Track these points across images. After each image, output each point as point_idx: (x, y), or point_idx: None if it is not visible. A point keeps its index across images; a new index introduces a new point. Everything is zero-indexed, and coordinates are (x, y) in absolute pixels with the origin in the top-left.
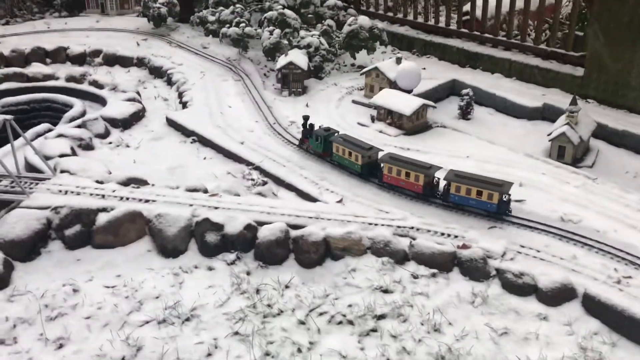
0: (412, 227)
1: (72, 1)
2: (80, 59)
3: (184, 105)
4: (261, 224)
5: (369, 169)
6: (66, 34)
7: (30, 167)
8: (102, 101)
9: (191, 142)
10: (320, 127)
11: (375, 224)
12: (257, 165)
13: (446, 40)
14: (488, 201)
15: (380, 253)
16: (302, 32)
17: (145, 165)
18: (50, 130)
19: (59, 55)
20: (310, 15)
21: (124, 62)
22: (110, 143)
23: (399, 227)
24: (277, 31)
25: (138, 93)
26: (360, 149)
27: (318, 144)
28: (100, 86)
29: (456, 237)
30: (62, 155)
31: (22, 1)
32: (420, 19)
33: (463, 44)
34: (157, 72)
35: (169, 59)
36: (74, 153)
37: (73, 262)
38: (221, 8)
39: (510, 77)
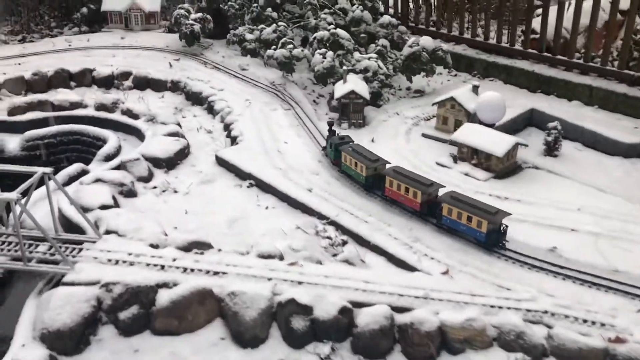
0: (546, 312)
1: (93, 15)
2: (107, 82)
3: (234, 140)
4: (357, 304)
5: (374, 181)
6: (90, 52)
7: (66, 222)
8: (137, 133)
9: (248, 187)
10: (337, 134)
11: (499, 307)
12: (333, 220)
13: (512, 61)
14: (477, 229)
15: (510, 347)
16: (357, 55)
17: (200, 217)
18: (84, 171)
19: (84, 77)
20: (362, 35)
21: (157, 85)
22: (155, 187)
23: (528, 310)
24: (330, 54)
25: (179, 124)
26: (366, 160)
27: (331, 151)
28: (134, 116)
29: (602, 325)
30: (103, 207)
31: (39, 15)
32: (479, 37)
33: (533, 66)
34: (196, 99)
35: (207, 83)
36: (115, 203)
37: (130, 354)
38: (262, 26)
39: (592, 106)
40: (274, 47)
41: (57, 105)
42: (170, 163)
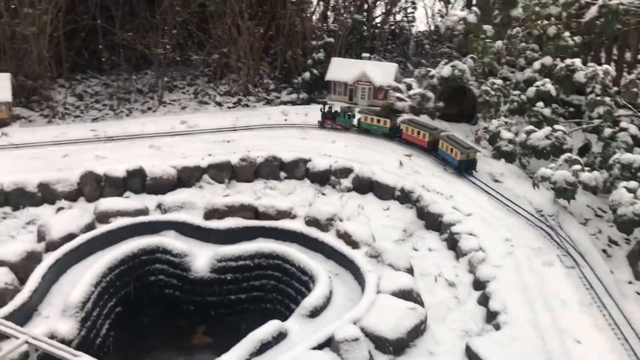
0: None
1: (314, 81)
2: (322, 178)
3: (492, 316)
4: None
5: (395, 131)
6: (306, 132)
7: None
8: (352, 267)
9: None
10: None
11: None
12: None
13: None
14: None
15: None
16: None
17: None
18: (280, 334)
19: (296, 169)
20: None
21: (382, 192)
22: None
23: None
24: None
25: (411, 270)
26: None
27: (346, 119)
28: (353, 243)
29: None
30: None
31: (259, 76)
32: None
33: None
34: (432, 221)
35: (449, 199)
36: None
37: None
38: (530, 127)
39: None
40: (551, 166)
41: (262, 213)
42: (398, 346)
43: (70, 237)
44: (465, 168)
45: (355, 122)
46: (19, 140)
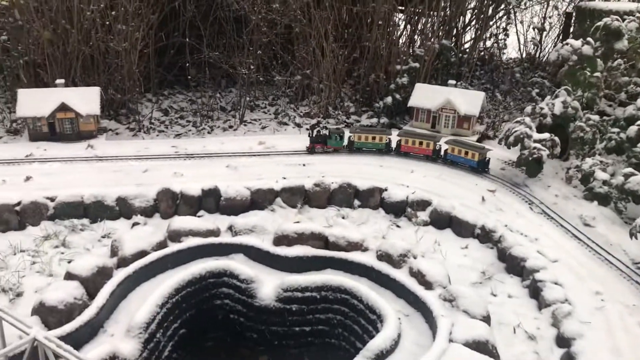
0: None
1: (396, 106)
2: (398, 209)
3: None
4: None
5: (388, 146)
6: (384, 159)
7: None
8: (423, 310)
9: None
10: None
11: None
12: None
13: None
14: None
15: None
16: None
17: None
18: None
19: (371, 197)
20: None
21: (461, 228)
22: None
23: None
24: None
25: (486, 318)
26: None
27: (338, 141)
28: (426, 283)
29: None
30: None
31: (340, 98)
32: None
33: None
34: (514, 265)
35: (534, 242)
36: None
37: None
38: (629, 170)
39: None
40: None
41: (332, 243)
42: None
43: (142, 254)
44: (482, 168)
45: (345, 143)
46: (103, 152)
